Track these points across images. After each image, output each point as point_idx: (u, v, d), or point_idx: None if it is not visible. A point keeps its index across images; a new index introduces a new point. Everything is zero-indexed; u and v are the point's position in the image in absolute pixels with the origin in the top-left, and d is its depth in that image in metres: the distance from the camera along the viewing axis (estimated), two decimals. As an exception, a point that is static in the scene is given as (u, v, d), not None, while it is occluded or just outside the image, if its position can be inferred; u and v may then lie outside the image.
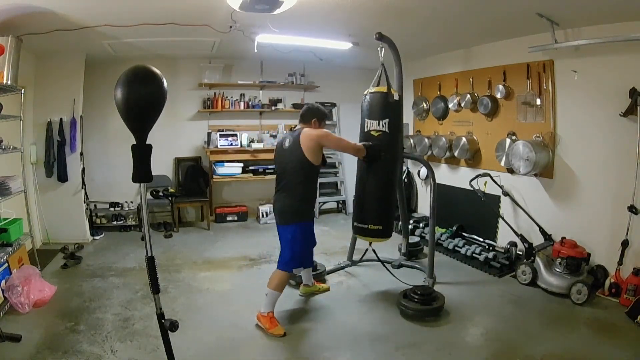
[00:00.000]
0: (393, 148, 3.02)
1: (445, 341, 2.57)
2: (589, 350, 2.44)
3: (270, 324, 2.66)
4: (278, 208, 2.76)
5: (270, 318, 2.68)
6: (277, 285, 2.71)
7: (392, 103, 2.96)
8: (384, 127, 2.92)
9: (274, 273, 2.75)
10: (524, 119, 3.88)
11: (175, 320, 1.66)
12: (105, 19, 3.21)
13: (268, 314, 2.69)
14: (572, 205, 3.57)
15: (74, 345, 2.46)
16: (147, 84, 1.55)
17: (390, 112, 2.95)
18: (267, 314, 2.69)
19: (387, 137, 2.93)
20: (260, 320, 2.70)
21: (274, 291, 2.70)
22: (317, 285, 3.29)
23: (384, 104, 2.95)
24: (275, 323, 2.67)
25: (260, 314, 2.72)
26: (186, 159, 5.54)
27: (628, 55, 3.03)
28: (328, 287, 3.37)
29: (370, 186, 3.01)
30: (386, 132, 2.92)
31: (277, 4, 2.56)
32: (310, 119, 2.79)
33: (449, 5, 2.98)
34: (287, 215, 2.72)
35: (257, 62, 5.61)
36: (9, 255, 3.06)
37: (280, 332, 2.64)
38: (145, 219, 1.74)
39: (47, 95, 4.38)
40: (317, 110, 2.82)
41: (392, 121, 2.93)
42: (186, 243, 4.67)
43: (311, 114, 2.80)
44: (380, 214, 3.01)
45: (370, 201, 3.02)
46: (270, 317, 2.68)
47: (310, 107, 2.85)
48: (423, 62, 5.20)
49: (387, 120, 2.92)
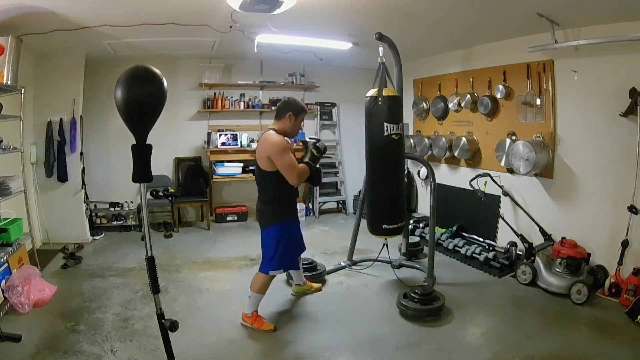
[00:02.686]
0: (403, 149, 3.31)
1: (445, 341, 2.57)
2: (589, 350, 2.44)
3: (258, 322, 2.68)
4: (256, 211, 2.79)
5: (256, 317, 2.70)
6: (259, 287, 2.72)
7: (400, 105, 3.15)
8: (400, 129, 3.08)
9: (255, 276, 2.77)
10: (524, 119, 3.88)
11: (175, 320, 1.66)
12: (105, 19, 3.21)
13: (252, 314, 2.71)
14: (572, 205, 3.57)
15: (74, 345, 2.46)
16: (147, 84, 1.55)
17: (401, 115, 3.15)
18: (251, 314, 2.71)
19: (402, 139, 3.14)
20: (246, 321, 2.72)
21: (256, 294, 2.72)
22: (308, 284, 3.30)
23: (399, 107, 3.12)
24: (262, 320, 2.70)
25: (245, 314, 2.74)
26: (186, 159, 5.54)
27: (628, 55, 3.03)
28: (320, 286, 3.36)
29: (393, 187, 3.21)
30: (401, 134, 3.09)
31: (277, 4, 2.56)
32: (285, 113, 2.61)
33: (449, 5, 2.98)
34: (260, 219, 2.75)
35: (257, 62, 5.61)
36: (9, 255, 3.06)
37: (271, 327, 2.67)
38: (145, 219, 1.75)
39: (47, 95, 4.38)
40: (293, 103, 2.67)
41: (401, 124, 3.11)
42: (186, 243, 4.67)
43: (286, 107, 2.63)
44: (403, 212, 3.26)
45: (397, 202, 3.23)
46: (255, 316, 2.70)
47: (285, 100, 2.72)
48: (423, 62, 5.20)
49: (401, 123, 3.10)
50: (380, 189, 3.19)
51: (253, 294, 2.72)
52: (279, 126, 2.64)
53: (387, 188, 3.17)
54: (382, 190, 3.18)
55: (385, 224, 3.14)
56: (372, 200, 3.26)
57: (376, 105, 3.02)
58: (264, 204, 2.70)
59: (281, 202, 2.68)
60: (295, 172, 2.49)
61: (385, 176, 3.19)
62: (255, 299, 2.72)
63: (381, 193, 3.19)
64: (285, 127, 2.64)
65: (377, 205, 3.24)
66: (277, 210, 2.68)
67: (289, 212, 2.77)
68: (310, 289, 3.28)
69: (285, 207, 2.72)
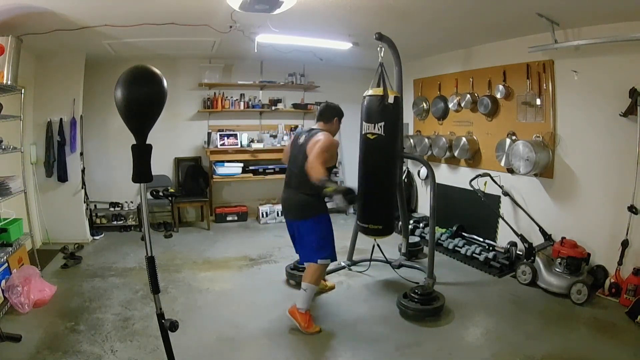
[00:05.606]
0: (389, 150, 3.07)
1: (445, 341, 2.57)
2: (589, 350, 2.44)
3: (308, 322, 2.65)
4: (292, 204, 2.75)
5: (309, 317, 2.68)
6: (314, 278, 2.67)
7: (387, 106, 2.97)
8: (379, 130, 2.95)
9: (307, 268, 2.72)
10: (524, 119, 3.88)
11: (175, 320, 1.65)
12: (105, 19, 3.21)
13: (307, 312, 2.68)
14: (572, 205, 3.57)
15: (74, 345, 2.46)
16: (147, 84, 1.55)
17: (387, 115, 2.97)
18: (305, 312, 2.67)
19: (383, 140, 2.96)
20: (297, 317, 2.67)
21: (312, 284, 2.67)
22: (323, 283, 3.32)
23: (379, 107, 2.98)
24: (312, 322, 2.67)
25: (297, 309, 2.67)
26: (186, 159, 5.54)
27: (628, 55, 3.03)
28: (333, 285, 3.39)
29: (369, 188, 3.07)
30: (382, 135, 2.94)
31: (277, 4, 2.56)
32: (332, 118, 2.80)
33: (449, 5, 2.98)
34: (300, 211, 2.71)
35: (257, 62, 5.60)
36: (9, 255, 3.06)
37: (317, 330, 2.66)
38: (145, 219, 1.74)
39: (47, 95, 4.38)
40: (338, 108, 2.85)
41: (388, 124, 2.95)
42: (186, 243, 4.67)
43: (333, 112, 2.81)
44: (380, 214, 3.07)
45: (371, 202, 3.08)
46: (309, 315, 2.68)
47: (330, 105, 2.87)
48: (423, 62, 5.20)
49: (383, 123, 2.94)
50: (360, 188, 3.17)
51: (309, 286, 2.66)
52: (326, 128, 2.76)
53: (365, 188, 3.14)
54: (361, 189, 3.16)
55: (360, 222, 3.15)
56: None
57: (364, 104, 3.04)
58: (307, 196, 2.66)
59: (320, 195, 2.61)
60: (320, 167, 2.43)
61: (362, 176, 3.20)
62: (311, 292, 2.68)
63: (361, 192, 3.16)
64: (332, 130, 2.79)
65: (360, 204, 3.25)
66: (321, 203, 2.71)
67: (326, 207, 2.80)
68: (325, 287, 3.31)
69: (323, 201, 2.73)
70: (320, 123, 2.81)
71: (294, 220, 2.78)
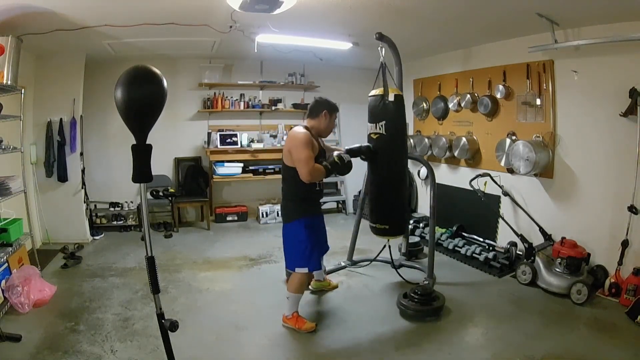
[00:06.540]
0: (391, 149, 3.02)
1: (445, 341, 2.57)
2: (589, 350, 2.44)
3: (299, 322, 2.67)
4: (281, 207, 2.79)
5: (297, 318, 2.69)
6: (295, 287, 2.66)
7: (388, 104, 2.95)
8: (380, 129, 2.93)
9: (291, 275, 2.72)
10: (524, 119, 3.88)
11: (175, 320, 1.66)
12: (105, 19, 3.21)
13: (293, 315, 2.69)
14: (572, 205, 3.57)
15: (74, 345, 2.46)
16: (147, 84, 1.55)
17: (387, 113, 2.95)
18: (292, 316, 2.69)
19: (384, 138, 2.92)
20: (288, 323, 2.71)
21: (293, 294, 2.68)
22: (327, 281, 3.35)
23: (379, 106, 2.95)
24: (303, 320, 2.69)
25: (285, 317, 2.72)
26: (186, 159, 5.54)
27: (628, 55, 3.03)
28: (337, 284, 3.40)
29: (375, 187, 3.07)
30: (383, 134, 2.91)
31: (277, 4, 2.56)
32: (320, 112, 2.65)
33: (449, 5, 2.98)
34: (283, 214, 2.73)
35: (257, 62, 5.61)
36: (9, 255, 3.06)
37: (312, 326, 2.67)
38: (145, 219, 1.74)
39: (47, 95, 4.38)
40: (327, 101, 2.70)
41: (389, 122, 2.93)
42: (186, 243, 4.67)
43: (321, 106, 2.66)
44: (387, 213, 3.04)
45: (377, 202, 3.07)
46: (296, 317, 2.69)
47: (318, 100, 2.72)
48: (423, 62, 5.20)
49: (384, 122, 2.92)
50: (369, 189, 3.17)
51: (291, 295, 2.68)
52: (313, 124, 2.67)
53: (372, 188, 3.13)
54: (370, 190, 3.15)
55: (371, 222, 3.10)
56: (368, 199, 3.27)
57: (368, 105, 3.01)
58: (286, 200, 2.68)
59: (304, 198, 2.63)
60: (308, 167, 2.39)
61: (368, 176, 3.18)
62: (294, 299, 2.69)
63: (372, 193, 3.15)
64: (320, 125, 2.67)
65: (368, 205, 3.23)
66: (299, 206, 2.63)
67: (312, 209, 2.71)
68: (328, 286, 3.32)
69: (308, 203, 2.67)
70: (308, 120, 2.71)
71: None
